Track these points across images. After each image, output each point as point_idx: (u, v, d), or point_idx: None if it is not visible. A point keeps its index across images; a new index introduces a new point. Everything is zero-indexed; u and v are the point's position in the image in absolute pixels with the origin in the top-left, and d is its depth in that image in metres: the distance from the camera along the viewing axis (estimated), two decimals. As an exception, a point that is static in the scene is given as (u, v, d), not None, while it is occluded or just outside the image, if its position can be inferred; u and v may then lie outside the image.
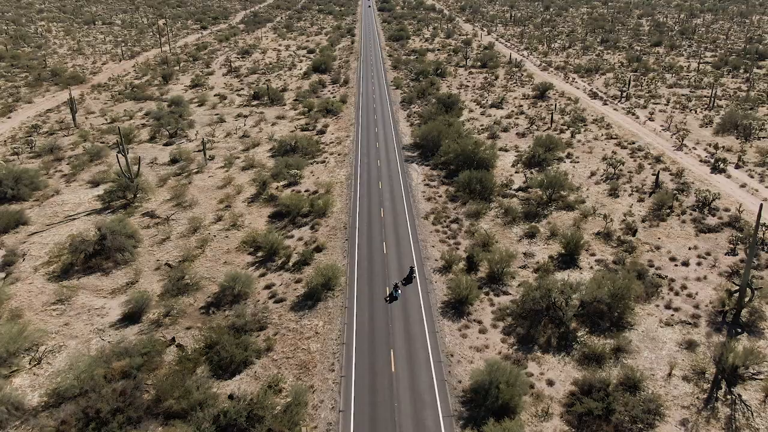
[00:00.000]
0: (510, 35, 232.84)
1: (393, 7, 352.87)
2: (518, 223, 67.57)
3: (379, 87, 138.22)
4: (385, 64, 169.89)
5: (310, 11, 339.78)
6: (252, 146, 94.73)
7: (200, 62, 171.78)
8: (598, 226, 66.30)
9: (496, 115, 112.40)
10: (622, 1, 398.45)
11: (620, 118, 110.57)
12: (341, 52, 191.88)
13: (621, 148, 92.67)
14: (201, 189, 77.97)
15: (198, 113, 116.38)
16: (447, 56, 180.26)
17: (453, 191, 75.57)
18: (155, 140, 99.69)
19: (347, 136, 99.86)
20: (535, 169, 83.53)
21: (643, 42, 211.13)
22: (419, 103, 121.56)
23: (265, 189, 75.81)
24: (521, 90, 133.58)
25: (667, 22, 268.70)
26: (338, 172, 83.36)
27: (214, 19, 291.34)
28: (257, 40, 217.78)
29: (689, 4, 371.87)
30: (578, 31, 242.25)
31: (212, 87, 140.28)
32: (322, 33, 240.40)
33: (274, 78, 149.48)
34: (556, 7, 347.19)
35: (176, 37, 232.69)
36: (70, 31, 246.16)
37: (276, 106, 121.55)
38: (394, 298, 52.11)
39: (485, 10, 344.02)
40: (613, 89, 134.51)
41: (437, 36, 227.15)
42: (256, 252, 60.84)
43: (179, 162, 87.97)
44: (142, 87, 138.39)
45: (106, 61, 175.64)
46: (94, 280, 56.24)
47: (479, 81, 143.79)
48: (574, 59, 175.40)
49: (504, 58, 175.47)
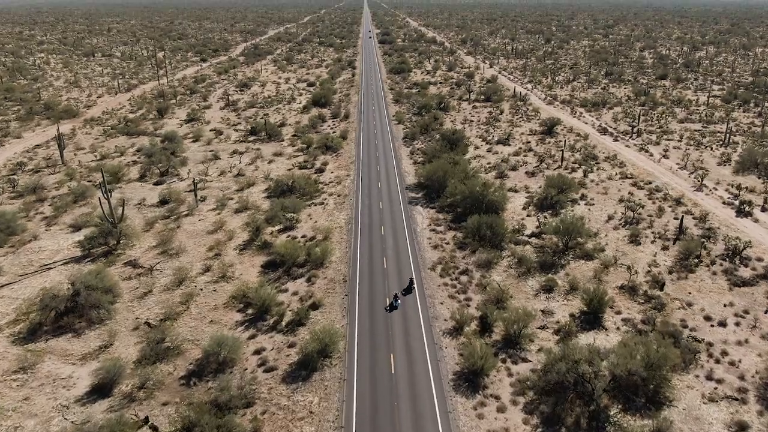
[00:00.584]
0: (513, 68, 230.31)
1: (394, 40, 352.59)
2: (533, 274, 61.88)
3: (381, 122, 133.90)
4: (386, 97, 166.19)
5: (311, 43, 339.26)
6: (246, 186, 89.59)
7: (197, 95, 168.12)
8: (622, 278, 60.58)
9: (503, 152, 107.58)
10: (623, 34, 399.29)
11: (633, 155, 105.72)
12: (342, 85, 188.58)
13: (638, 189, 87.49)
14: (190, 234, 72.48)
15: (192, 149, 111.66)
16: (450, 90, 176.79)
17: (461, 237, 70.05)
18: (145, 179, 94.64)
19: (347, 175, 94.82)
20: (547, 213, 78.18)
21: (648, 75, 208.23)
22: (422, 139, 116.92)
23: (259, 235, 70.31)
24: (528, 125, 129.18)
25: (670, 54, 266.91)
26: (338, 215, 77.96)
27: (215, 52, 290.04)
28: (257, 73, 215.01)
29: (690, 37, 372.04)
30: (581, 63, 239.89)
31: (208, 121, 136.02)
32: (323, 65, 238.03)
33: (273, 112, 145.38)
34: (557, 40, 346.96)
35: (175, 69, 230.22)
36: (68, 63, 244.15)
37: (273, 141, 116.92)
38: (394, 308, 54.60)
39: (486, 42, 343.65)
40: (622, 124, 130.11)
41: (439, 69, 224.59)
42: (246, 308, 55.03)
43: (168, 203, 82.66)
44: (136, 121, 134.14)
45: (102, 94, 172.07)
46: (63, 342, 50.31)
47: (484, 115, 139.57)
48: (579, 93, 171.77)
49: (508, 91, 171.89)
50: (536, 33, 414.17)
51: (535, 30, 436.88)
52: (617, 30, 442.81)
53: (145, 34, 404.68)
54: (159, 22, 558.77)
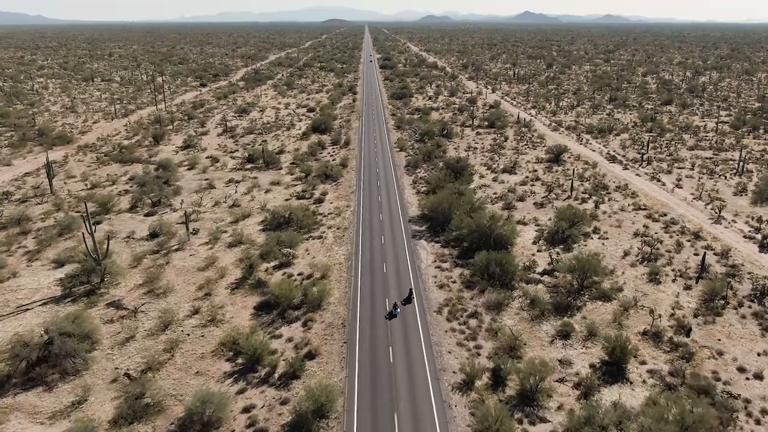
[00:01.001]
0: (515, 93, 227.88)
1: (395, 65, 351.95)
2: (548, 317, 57.25)
3: (382, 149, 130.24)
4: (387, 123, 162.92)
5: (312, 68, 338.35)
6: (241, 218, 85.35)
7: (195, 121, 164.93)
8: (644, 322, 55.93)
9: (509, 181, 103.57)
10: (624, 59, 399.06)
11: (645, 184, 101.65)
12: (342, 110, 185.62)
13: (652, 221, 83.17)
14: (179, 271, 68.02)
15: (187, 178, 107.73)
16: (452, 115, 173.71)
17: (468, 275, 65.53)
18: (136, 209, 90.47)
19: (347, 205, 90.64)
20: (559, 248, 73.77)
21: (652, 100, 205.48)
22: (425, 168, 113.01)
23: (253, 272, 65.84)
24: (534, 152, 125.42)
25: (673, 79, 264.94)
26: (337, 250, 73.55)
27: (215, 76, 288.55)
28: (256, 98, 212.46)
29: (692, 62, 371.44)
30: (584, 89, 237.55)
31: (205, 148, 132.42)
32: (323, 90, 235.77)
33: (271, 138, 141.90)
34: (558, 65, 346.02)
35: (174, 94, 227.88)
36: (66, 87, 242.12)
37: (271, 169, 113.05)
38: (394, 316, 56.63)
39: (487, 67, 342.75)
40: (631, 152, 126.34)
41: (441, 94, 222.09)
42: (236, 357, 50.33)
43: (159, 237, 78.36)
44: (130, 148, 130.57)
45: (98, 119, 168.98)
46: (33, 397, 45.57)
47: (488, 142, 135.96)
48: (584, 118, 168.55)
49: (512, 117, 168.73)
50: (537, 58, 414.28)
51: (536, 55, 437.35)
52: (618, 55, 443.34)
53: (146, 59, 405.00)
54: (161, 47, 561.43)
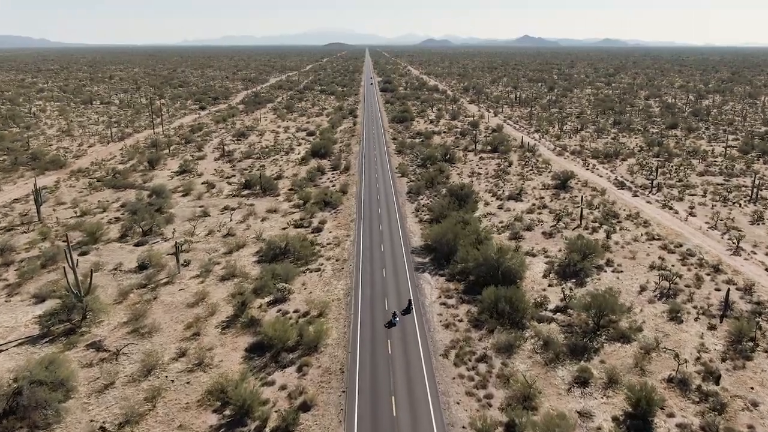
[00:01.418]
0: (518, 117, 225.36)
1: (395, 88, 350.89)
2: (563, 361, 52.82)
3: (383, 174, 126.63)
4: (388, 147, 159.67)
5: (312, 91, 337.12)
6: (236, 248, 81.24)
7: (192, 145, 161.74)
8: (668, 367, 51.50)
9: (515, 209, 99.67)
10: (625, 82, 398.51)
11: (657, 213, 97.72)
12: (342, 134, 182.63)
13: (668, 253, 79.02)
14: (167, 307, 63.74)
15: (181, 205, 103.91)
16: (454, 139, 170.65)
17: (476, 313, 61.23)
18: (126, 239, 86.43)
19: (347, 235, 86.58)
20: (571, 282, 69.55)
21: (657, 124, 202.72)
22: (428, 194, 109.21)
23: (245, 310, 61.54)
24: (539, 178, 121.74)
25: (676, 103, 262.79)
26: (335, 284, 69.30)
27: (214, 100, 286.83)
28: (255, 122, 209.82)
29: (693, 85, 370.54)
30: (587, 112, 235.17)
31: (201, 173, 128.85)
32: (324, 114, 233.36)
33: (270, 163, 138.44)
34: (560, 88, 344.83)
35: (173, 117, 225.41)
36: (64, 110, 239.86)
37: (269, 196, 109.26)
38: (393, 325, 58.28)
39: (488, 90, 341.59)
40: (639, 177, 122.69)
41: (442, 117, 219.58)
42: (223, 408, 45.85)
43: (147, 269, 74.22)
44: (124, 173, 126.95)
45: (94, 143, 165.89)
46: (-4, 457, 41.08)
47: (492, 168, 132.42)
48: (589, 143, 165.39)
49: (515, 141, 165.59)
50: (538, 81, 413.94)
51: (537, 78, 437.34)
52: (619, 78, 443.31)
53: (147, 82, 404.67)
54: (162, 70, 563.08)
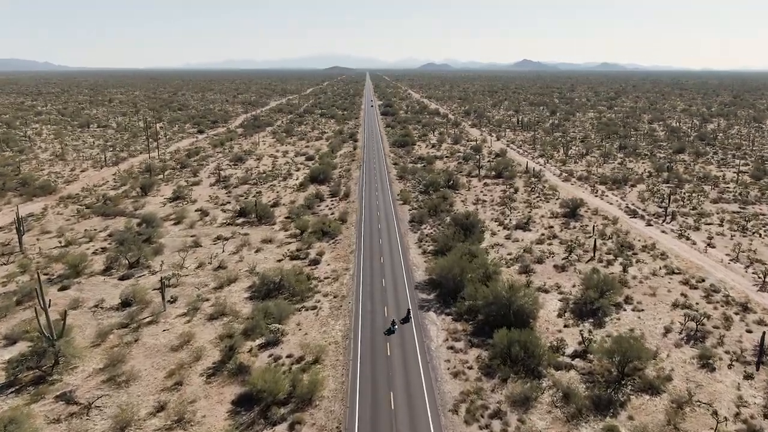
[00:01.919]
0: (521, 141, 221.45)
1: (396, 111, 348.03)
2: (586, 417, 47.27)
3: (384, 201, 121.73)
4: (390, 173, 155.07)
5: (312, 115, 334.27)
6: (227, 282, 75.91)
7: (188, 170, 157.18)
8: (704, 425, 45.94)
9: (523, 239, 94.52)
10: (627, 106, 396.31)
11: (674, 243, 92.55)
12: (342, 159, 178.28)
13: (690, 288, 73.69)
14: (149, 351, 58.28)
15: (171, 234, 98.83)
16: (457, 164, 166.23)
17: (487, 359, 55.76)
18: (111, 271, 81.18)
19: (346, 268, 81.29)
20: (589, 322, 64.16)
21: (663, 148, 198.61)
22: (431, 223, 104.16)
23: (233, 355, 56.06)
24: (547, 206, 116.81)
25: (681, 127, 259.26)
26: (333, 325, 63.85)
27: (213, 123, 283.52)
28: (254, 146, 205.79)
29: (697, 109, 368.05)
30: (592, 136, 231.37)
31: (195, 200, 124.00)
32: (323, 138, 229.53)
33: (266, 190, 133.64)
34: (562, 112, 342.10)
35: (170, 141, 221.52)
36: (60, 134, 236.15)
37: (264, 225, 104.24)
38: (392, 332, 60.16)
39: (490, 114, 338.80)
40: (651, 205, 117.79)
41: (444, 142, 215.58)
42: (203, 476, 40.25)
43: (131, 306, 68.88)
44: (116, 199, 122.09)
45: (87, 168, 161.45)
46: None
47: (497, 194, 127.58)
48: (595, 167, 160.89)
49: (519, 166, 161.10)
50: (539, 105, 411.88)
51: (538, 102, 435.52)
52: (620, 102, 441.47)
53: (146, 105, 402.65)
54: (163, 93, 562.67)
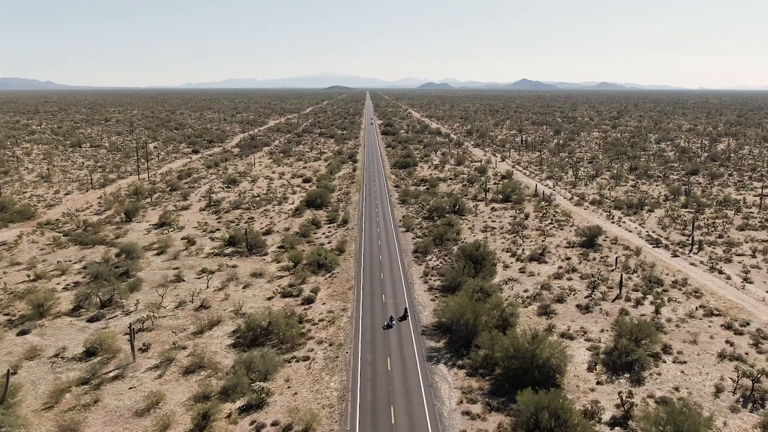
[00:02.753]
0: (527, 162, 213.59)
1: (397, 131, 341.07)
2: None
3: (385, 228, 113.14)
4: (391, 197, 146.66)
5: (311, 134, 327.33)
6: (208, 326, 67.03)
7: (178, 193, 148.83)
8: None
9: (539, 272, 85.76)
10: (631, 125, 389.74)
11: (706, 278, 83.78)
12: (341, 181, 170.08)
13: (734, 334, 64.79)
14: (109, 416, 49.27)
15: (153, 266, 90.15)
16: (462, 187, 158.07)
17: (510, 427, 46.72)
18: (80, 311, 72.35)
19: (344, 308, 72.40)
20: (625, 377, 55.19)
21: (675, 170, 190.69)
22: (437, 254, 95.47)
23: (207, 424, 47.02)
24: (562, 233, 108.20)
25: (690, 147, 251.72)
26: (327, 382, 54.78)
27: (209, 143, 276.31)
28: (249, 167, 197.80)
29: (704, 128, 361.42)
30: (599, 157, 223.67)
31: (183, 226, 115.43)
32: (322, 158, 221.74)
33: (260, 215, 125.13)
34: (566, 132, 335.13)
35: (163, 161, 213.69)
36: (50, 154, 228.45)
37: (255, 255, 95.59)
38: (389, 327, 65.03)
39: (493, 134, 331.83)
40: (673, 232, 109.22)
41: (447, 163, 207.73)
42: None
43: (96, 356, 59.97)
44: (97, 226, 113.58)
45: (72, 190, 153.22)
46: None
47: (506, 220, 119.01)
48: (608, 191, 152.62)
49: (528, 189, 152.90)
50: (542, 124, 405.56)
51: (541, 121, 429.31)
52: (624, 121, 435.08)
53: (143, 124, 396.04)
54: (161, 112, 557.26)
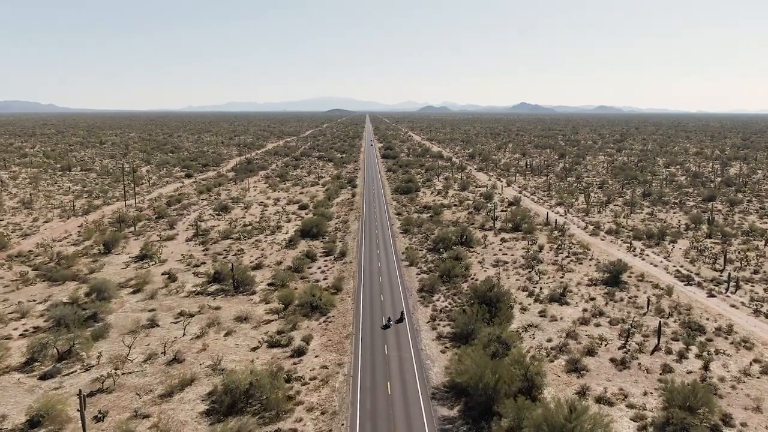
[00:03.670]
0: (534, 187, 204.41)
1: (397, 154, 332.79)
2: None
3: (387, 262, 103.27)
4: (392, 225, 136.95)
5: (310, 158, 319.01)
6: (179, 386, 56.83)
7: (165, 221, 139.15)
8: None
9: (562, 316, 75.71)
10: (637, 149, 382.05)
11: (752, 323, 73.73)
12: (339, 208, 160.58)
13: (802, 398, 54.70)
14: None
15: (126, 307, 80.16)
16: (468, 214, 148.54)
17: None
18: (33, 365, 62.24)
19: (339, 363, 62.24)
20: (684, 460, 44.98)
21: (690, 195, 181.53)
22: (445, 293, 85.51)
23: None
24: (581, 269, 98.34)
25: (702, 171, 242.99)
26: (317, 467, 44.62)
27: (204, 166, 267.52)
28: (243, 192, 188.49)
29: (711, 152, 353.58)
30: (609, 182, 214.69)
31: (165, 259, 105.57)
32: (320, 183, 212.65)
33: (250, 246, 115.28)
34: (571, 155, 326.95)
35: (153, 186, 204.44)
36: (38, 178, 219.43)
37: (241, 294, 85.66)
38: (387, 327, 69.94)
39: (496, 157, 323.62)
40: (703, 267, 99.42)
41: (450, 188, 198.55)
42: None
43: (41, 425, 49.77)
44: (71, 259, 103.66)
45: (52, 218, 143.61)
46: None
47: (519, 252, 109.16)
48: (623, 218, 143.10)
49: (538, 216, 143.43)
50: (545, 147, 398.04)
51: (544, 144, 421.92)
52: (628, 144, 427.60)
53: (138, 147, 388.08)
54: (158, 135, 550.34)
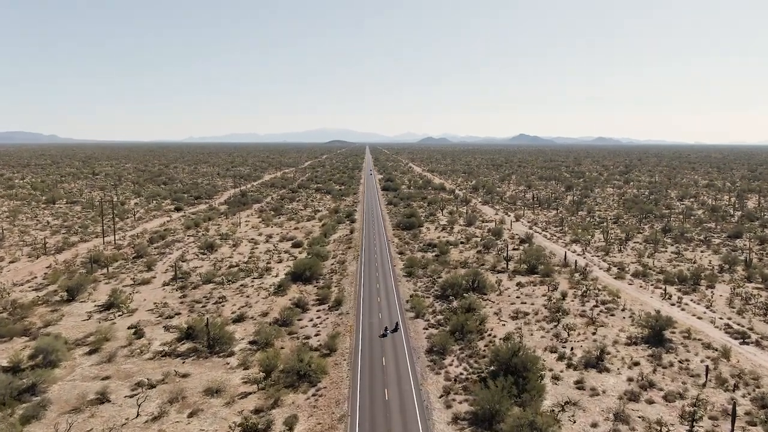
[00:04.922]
0: (544, 222, 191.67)
1: (398, 186, 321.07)
2: None
3: (389, 313, 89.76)
4: (395, 266, 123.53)
5: (307, 190, 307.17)
6: (118, 499, 43.10)
7: (142, 262, 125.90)
8: None
9: (604, 388, 62.06)
10: (645, 181, 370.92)
11: (839, 399, 60.15)
12: (336, 245, 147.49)
13: None
14: None
15: (76, 374, 66.59)
16: (476, 253, 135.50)
17: None
18: (-61, 461, 48.49)
19: (330, 461, 48.57)
20: None
21: (713, 231, 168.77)
22: (458, 354, 71.93)
23: None
24: (614, 321, 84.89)
25: (720, 205, 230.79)
26: None
27: (196, 199, 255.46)
28: (234, 227, 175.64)
29: (722, 183, 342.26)
30: (623, 216, 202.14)
31: (135, 309, 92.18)
32: (316, 217, 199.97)
33: (234, 292, 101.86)
34: (578, 187, 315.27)
35: (139, 221, 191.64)
36: (17, 211, 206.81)
37: (216, 356, 72.09)
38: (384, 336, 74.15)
39: (500, 189, 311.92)
40: (754, 319, 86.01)
41: (456, 222, 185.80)
42: None
43: None
44: (28, 307, 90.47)
45: (20, 257, 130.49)
46: None
47: (539, 301, 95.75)
48: (648, 258, 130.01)
49: (554, 256, 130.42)
50: (550, 179, 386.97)
51: (548, 176, 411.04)
52: (635, 176, 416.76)
53: (131, 178, 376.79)
54: (154, 166, 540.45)
